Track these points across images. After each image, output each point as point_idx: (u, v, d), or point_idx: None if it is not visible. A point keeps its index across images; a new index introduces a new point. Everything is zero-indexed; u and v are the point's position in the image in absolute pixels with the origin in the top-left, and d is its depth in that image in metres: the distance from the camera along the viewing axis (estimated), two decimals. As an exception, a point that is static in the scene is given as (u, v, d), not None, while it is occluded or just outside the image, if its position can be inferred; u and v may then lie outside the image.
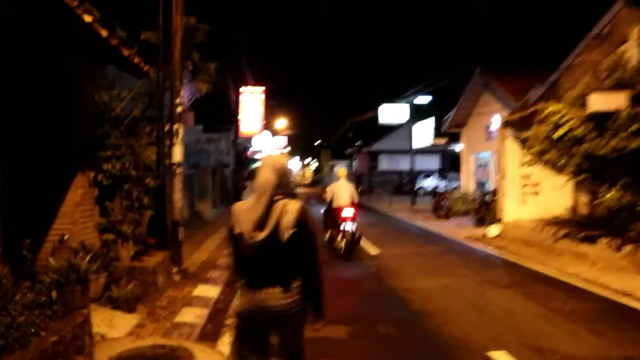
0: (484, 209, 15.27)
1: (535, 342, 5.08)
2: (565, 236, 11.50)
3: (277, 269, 2.72)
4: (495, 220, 14.22)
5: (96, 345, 4.56)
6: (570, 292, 7.26)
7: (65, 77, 6.05)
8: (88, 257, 4.98)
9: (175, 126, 7.49)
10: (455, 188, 19.99)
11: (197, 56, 9.42)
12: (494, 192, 15.66)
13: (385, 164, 37.77)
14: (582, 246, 10.57)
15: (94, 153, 6.52)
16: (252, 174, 20.75)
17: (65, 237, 5.60)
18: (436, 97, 27.79)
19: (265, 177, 2.77)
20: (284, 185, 2.79)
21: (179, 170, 7.52)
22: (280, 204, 2.72)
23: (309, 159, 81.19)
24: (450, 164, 23.80)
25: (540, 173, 14.37)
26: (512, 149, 14.08)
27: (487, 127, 18.26)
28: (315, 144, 68.47)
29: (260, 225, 2.67)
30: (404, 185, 35.12)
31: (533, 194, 14.28)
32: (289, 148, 59.32)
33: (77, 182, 6.21)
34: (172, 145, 7.48)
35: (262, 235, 2.66)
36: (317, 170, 67.93)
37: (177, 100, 7.53)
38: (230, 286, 4.11)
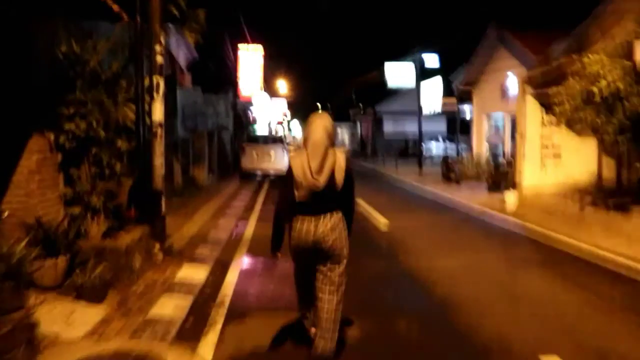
0: (499, 173, 14.19)
1: (592, 342, 4.10)
2: (592, 204, 10.48)
3: (330, 202, 3.41)
4: (511, 185, 13.17)
5: (43, 351, 3.59)
6: (613, 273, 6.28)
7: (11, 22, 4.94)
8: (24, 241, 3.96)
9: (155, 79, 6.37)
10: (465, 151, 18.86)
11: (184, 1, 8.19)
12: (510, 155, 14.59)
13: (390, 126, 36.42)
14: (613, 215, 9.56)
15: (54, 111, 5.44)
16: (251, 138, 19.61)
17: (5, 214, 4.57)
18: (444, 58, 26.44)
19: (319, 133, 3.41)
20: (330, 138, 3.44)
21: (160, 131, 6.43)
22: (331, 152, 3.37)
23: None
24: (457, 127, 22.53)
25: (561, 135, 13.27)
26: (532, 108, 12.92)
27: (502, 85, 17.02)
28: (317, 105, 66.93)
29: (319, 171, 3.30)
30: (410, 148, 33.94)
31: (553, 158, 13.19)
32: (288, 113, 57.93)
33: (31, 146, 5.15)
34: (151, 101, 6.37)
35: (322, 179, 3.30)
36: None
37: (157, 48, 6.38)
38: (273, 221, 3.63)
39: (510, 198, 12.39)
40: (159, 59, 6.38)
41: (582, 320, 4.64)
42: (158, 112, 6.38)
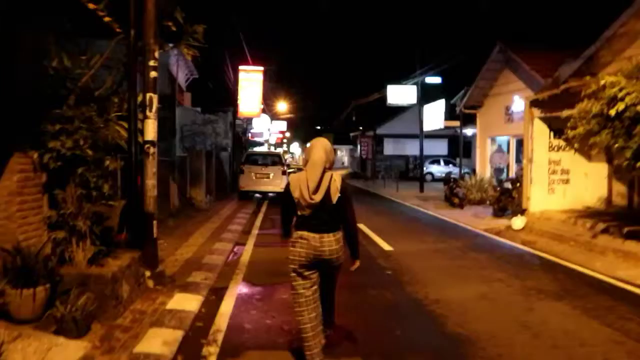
0: (506, 197, 13.80)
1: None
2: (604, 231, 10.06)
3: (327, 221, 3.78)
4: (519, 210, 12.77)
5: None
6: (635, 305, 5.84)
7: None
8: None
9: (149, 95, 6.00)
10: (468, 174, 18.47)
11: (181, 15, 7.88)
12: (516, 180, 14.21)
13: (390, 148, 36.17)
14: (628, 244, 9.14)
15: (38, 128, 5.06)
16: (250, 159, 19.24)
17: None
18: (446, 80, 26.26)
19: (318, 155, 3.82)
20: (329, 161, 3.86)
21: (152, 150, 6.04)
22: (328, 174, 3.78)
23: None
24: (459, 150, 22.16)
25: (570, 159, 12.92)
26: (540, 131, 12.59)
27: (507, 108, 16.73)
28: (317, 128, 66.77)
29: (315, 190, 3.71)
30: (411, 170, 33.60)
31: (562, 182, 12.82)
32: (288, 134, 57.72)
33: (12, 165, 4.76)
34: (144, 119, 6.00)
35: (318, 197, 3.71)
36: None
37: (151, 63, 6.04)
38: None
39: (517, 223, 11.98)
40: (153, 74, 6.03)
41: (611, 357, 4.20)
42: (151, 130, 6.01)
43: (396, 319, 5.32)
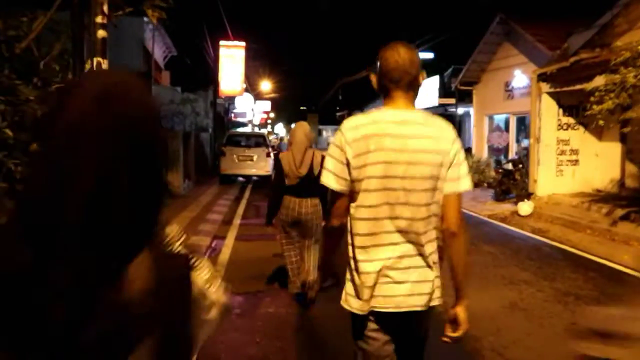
0: (508, 180, 12.77)
1: None
2: (624, 218, 9.08)
3: (309, 189, 4.59)
4: (524, 194, 11.76)
5: None
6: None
7: None
8: None
9: (96, 61, 4.75)
10: (469, 152, 17.39)
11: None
12: (518, 160, 13.20)
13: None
14: (654, 232, 8.19)
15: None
16: (232, 140, 17.94)
17: None
18: (438, 56, 25.09)
19: (300, 137, 4.74)
20: (310, 141, 4.80)
21: (102, 130, 4.83)
22: (310, 151, 4.70)
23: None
24: (456, 129, 21.12)
25: (580, 138, 11.92)
26: (548, 108, 11.55)
27: (507, 84, 15.65)
28: (302, 108, 65.39)
29: (300, 165, 4.62)
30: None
31: (571, 163, 11.83)
32: (272, 115, 56.28)
33: None
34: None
35: (303, 170, 4.62)
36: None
37: (99, 19, 4.76)
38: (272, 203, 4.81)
39: (524, 208, 10.97)
40: (101, 33, 4.76)
41: None
42: (101, 104, 4.77)
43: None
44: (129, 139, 0.77)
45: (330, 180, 2.00)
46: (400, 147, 1.92)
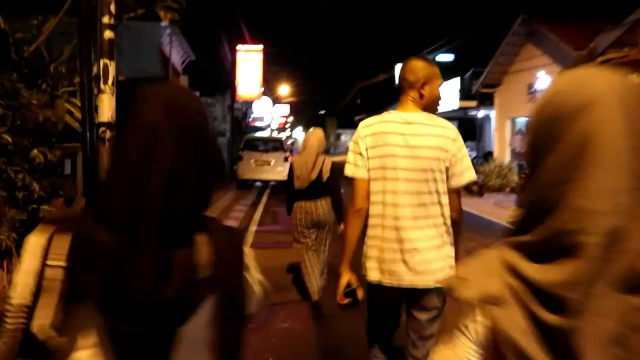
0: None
1: None
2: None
3: (320, 192, 4.89)
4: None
5: None
6: None
7: None
8: None
9: (103, 62, 4.55)
10: (486, 158, 16.96)
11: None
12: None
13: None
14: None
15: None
16: (250, 144, 17.76)
17: None
18: (458, 58, 24.68)
19: (313, 142, 5.02)
20: (322, 147, 5.04)
21: (109, 134, 4.61)
22: (321, 158, 4.93)
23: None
24: (472, 132, 20.66)
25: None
26: (575, 111, 11.14)
27: (529, 86, 15.23)
28: (320, 112, 65.25)
29: (312, 169, 4.85)
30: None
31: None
32: (291, 119, 56.18)
33: None
34: (98, 93, 4.57)
35: (314, 175, 4.85)
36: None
37: (105, 20, 4.56)
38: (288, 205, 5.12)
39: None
40: (108, 34, 4.54)
41: None
42: (107, 108, 4.56)
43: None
44: (190, 137, 0.97)
45: (352, 170, 2.44)
46: (403, 144, 2.33)
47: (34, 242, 0.95)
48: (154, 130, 0.94)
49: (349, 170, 2.46)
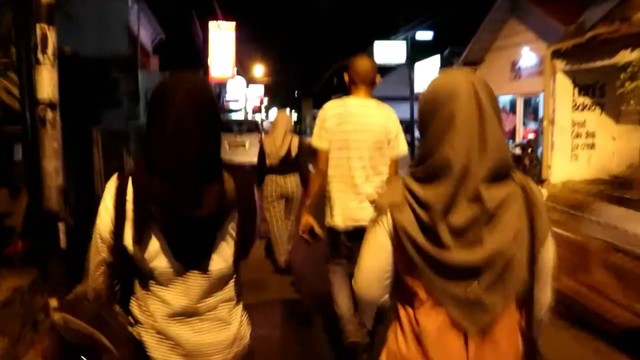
0: (518, 166, 11.95)
1: None
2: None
3: (290, 166, 5.49)
4: (536, 181, 10.94)
5: None
6: None
7: None
8: None
9: (40, 28, 3.84)
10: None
11: None
12: (527, 144, 12.37)
13: (375, 113, 33.98)
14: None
15: None
16: (225, 127, 16.98)
17: None
18: (438, 34, 24.10)
19: (281, 122, 5.64)
20: (289, 126, 5.67)
21: (51, 116, 3.91)
22: (289, 136, 5.55)
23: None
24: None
25: (596, 120, 11.05)
26: (563, 88, 10.64)
27: (513, 63, 14.77)
28: (296, 93, 64.20)
29: (281, 147, 5.45)
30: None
31: (587, 147, 10.97)
32: (266, 100, 55.16)
33: None
34: (35, 64, 3.86)
35: (283, 151, 5.45)
36: (299, 122, 63.82)
37: (43, -22, 3.85)
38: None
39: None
40: (47, -6, 3.84)
41: None
42: (47, 83, 3.86)
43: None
44: (206, 116, 1.47)
45: (316, 141, 3.24)
46: (360, 122, 3.17)
47: (111, 187, 1.46)
48: (183, 115, 1.41)
49: (315, 142, 3.30)
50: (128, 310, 1.53)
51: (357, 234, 2.99)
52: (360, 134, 3.15)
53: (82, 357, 1.47)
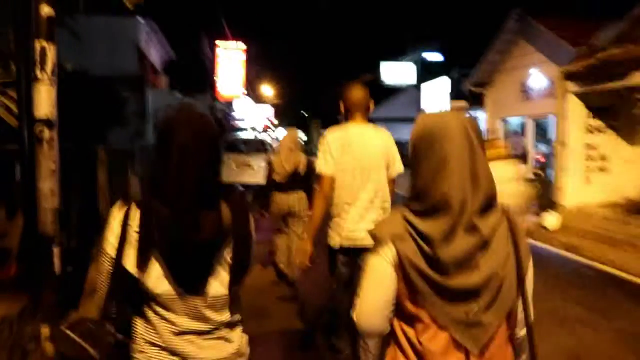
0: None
1: None
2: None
3: (296, 184, 5.46)
4: (547, 205, 10.70)
5: None
6: None
7: None
8: None
9: (39, 45, 3.71)
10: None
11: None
12: (539, 168, 12.15)
13: (383, 134, 33.84)
14: None
15: None
16: (230, 146, 16.87)
17: None
18: (448, 56, 24.07)
19: (287, 142, 5.68)
20: (296, 145, 5.63)
21: (48, 134, 3.76)
22: (297, 153, 5.56)
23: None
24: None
25: (609, 143, 10.84)
26: (575, 110, 10.48)
27: (523, 84, 14.59)
28: (304, 114, 64.31)
29: (288, 164, 5.46)
30: (406, 158, 31.45)
31: (600, 171, 10.74)
32: (275, 120, 55.22)
33: None
34: (33, 82, 3.72)
35: (290, 168, 5.45)
36: (308, 142, 63.80)
37: (43, -7, 3.73)
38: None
39: (551, 221, 9.91)
40: (46, 10, 3.71)
41: None
42: (45, 101, 3.72)
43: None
44: (206, 149, 1.58)
45: (322, 166, 3.36)
46: (361, 147, 3.32)
47: (116, 212, 1.58)
48: (185, 149, 1.53)
49: (319, 168, 3.41)
50: (122, 329, 1.61)
51: (359, 253, 3.22)
52: (363, 158, 3.28)
53: None
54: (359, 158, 3.28)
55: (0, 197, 4.98)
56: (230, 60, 21.45)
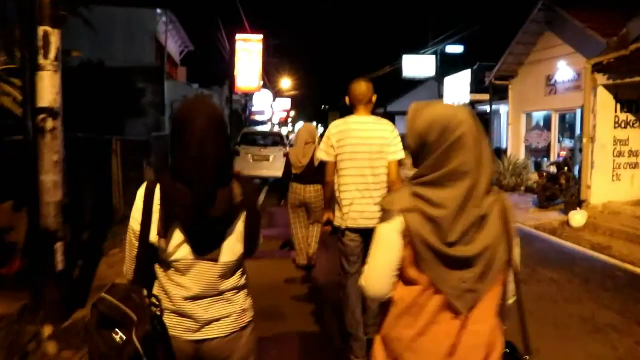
0: (554, 185, 11.31)
1: None
2: None
3: (312, 175, 5.39)
4: (573, 201, 10.31)
5: None
6: None
7: None
8: None
9: (42, 30, 3.53)
10: (498, 155, 15.76)
11: None
12: (564, 163, 11.73)
13: (402, 127, 33.48)
14: None
15: None
16: (247, 139, 16.67)
17: None
18: (469, 48, 23.58)
19: (303, 134, 5.72)
20: (312, 138, 5.68)
21: (51, 124, 3.59)
22: (312, 146, 5.56)
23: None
24: (492, 128, 19.28)
25: (639, 138, 10.43)
26: (605, 103, 10.06)
27: (548, 77, 14.16)
28: (323, 107, 63.95)
29: (304, 157, 5.55)
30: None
31: (630, 167, 10.32)
32: (293, 113, 55.03)
33: None
34: (36, 70, 3.54)
35: (305, 161, 5.52)
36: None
37: (46, -25, 3.54)
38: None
39: (579, 220, 9.53)
40: (50, -7, 3.53)
41: None
42: (48, 91, 3.54)
43: None
44: (221, 135, 1.79)
45: (323, 155, 3.75)
46: (361, 137, 3.63)
47: (142, 192, 1.79)
48: (203, 135, 1.72)
49: (321, 156, 3.75)
50: (151, 293, 1.82)
51: (365, 234, 3.52)
52: (360, 147, 3.58)
53: (116, 329, 1.63)
54: (357, 147, 3.59)
55: (8, 190, 4.84)
56: (249, 53, 21.26)
